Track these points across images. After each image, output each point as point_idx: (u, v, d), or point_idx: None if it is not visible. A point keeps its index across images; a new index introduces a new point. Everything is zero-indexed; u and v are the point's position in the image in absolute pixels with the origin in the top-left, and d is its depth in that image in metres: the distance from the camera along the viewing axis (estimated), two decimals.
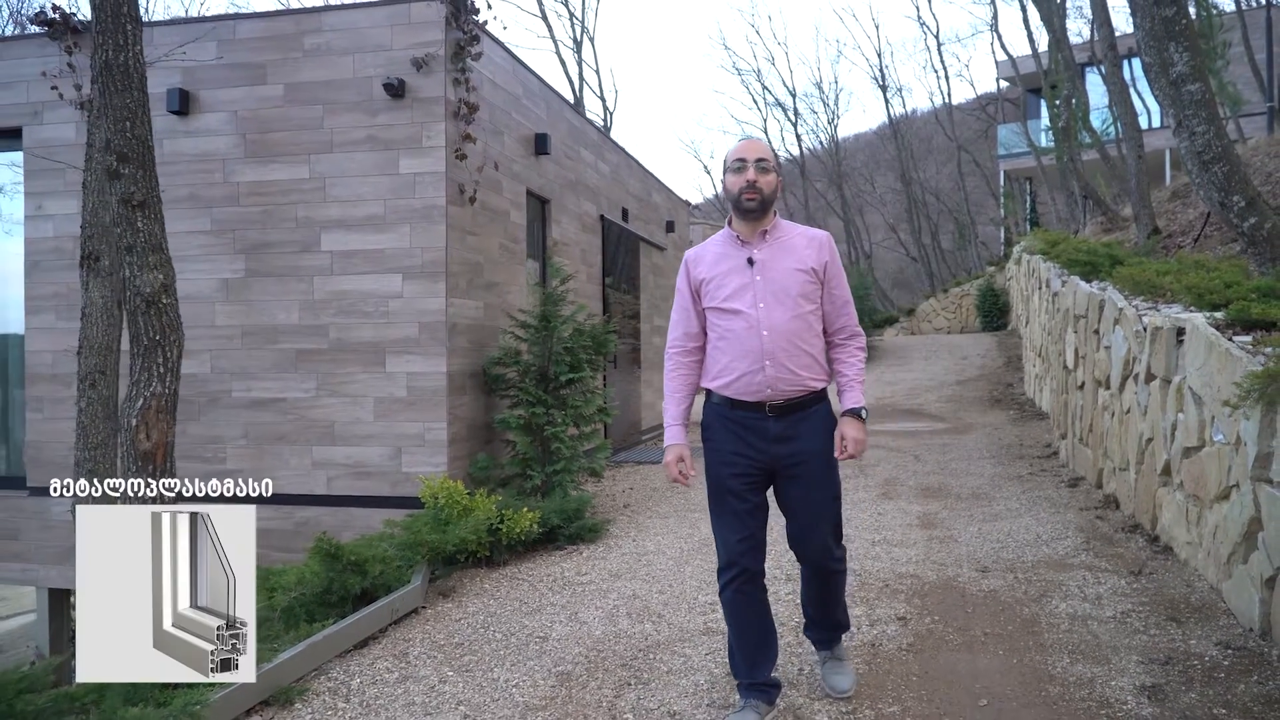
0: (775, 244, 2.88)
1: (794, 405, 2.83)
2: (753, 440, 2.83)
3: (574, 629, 4.02)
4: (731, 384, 2.83)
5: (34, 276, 6.77)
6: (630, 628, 3.98)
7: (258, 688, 3.29)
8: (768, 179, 2.84)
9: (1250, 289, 4.60)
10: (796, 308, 2.80)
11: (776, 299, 2.80)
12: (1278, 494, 3.24)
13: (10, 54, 6.84)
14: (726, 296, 2.84)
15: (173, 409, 3.35)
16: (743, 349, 2.80)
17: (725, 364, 2.85)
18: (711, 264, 2.91)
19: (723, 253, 2.91)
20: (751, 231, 2.88)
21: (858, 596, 4.18)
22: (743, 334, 2.80)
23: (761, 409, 2.82)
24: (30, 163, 6.75)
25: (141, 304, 3.26)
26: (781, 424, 2.82)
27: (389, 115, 6.04)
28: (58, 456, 6.70)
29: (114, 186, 3.29)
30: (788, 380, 2.80)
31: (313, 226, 6.17)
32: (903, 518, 5.77)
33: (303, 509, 6.15)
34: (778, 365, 2.78)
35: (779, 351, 2.78)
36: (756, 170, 2.82)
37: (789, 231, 2.94)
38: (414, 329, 6.01)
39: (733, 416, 2.85)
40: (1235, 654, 3.28)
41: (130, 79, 3.30)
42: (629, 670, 3.49)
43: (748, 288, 2.82)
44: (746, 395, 2.82)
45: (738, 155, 2.87)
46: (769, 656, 2.95)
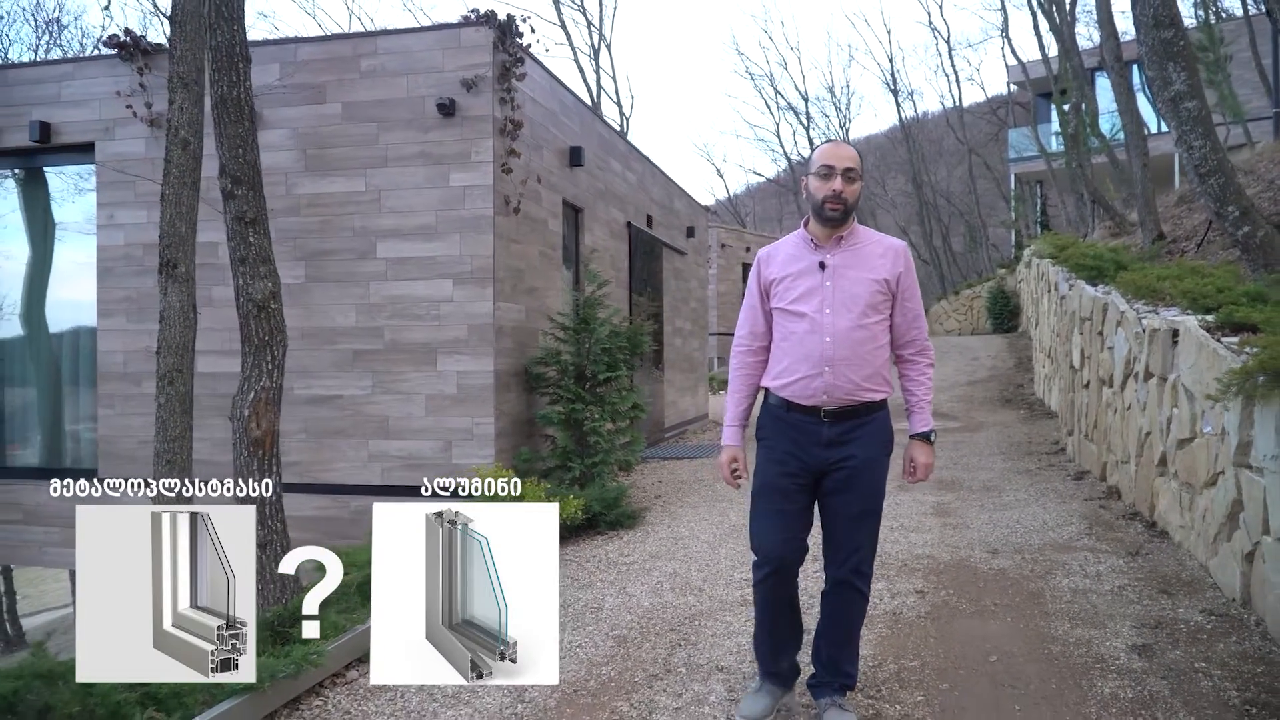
0: (850, 251, 2.83)
1: (849, 412, 2.80)
2: (805, 444, 2.81)
3: (624, 601, 4.47)
4: (789, 385, 2.81)
5: (106, 282, 7.26)
6: (675, 600, 4.43)
7: (354, 644, 3.74)
8: (853, 188, 2.78)
9: (1241, 293, 5.01)
10: (864, 317, 2.77)
11: (845, 306, 2.77)
12: (1256, 478, 3.66)
13: (83, 74, 7.34)
14: (795, 299, 2.81)
15: (278, 401, 3.81)
16: (804, 352, 2.78)
17: (786, 365, 2.83)
18: (783, 264, 2.88)
19: (795, 254, 2.88)
20: (828, 236, 2.84)
21: (878, 574, 4.60)
22: (805, 337, 2.77)
23: (817, 414, 2.79)
24: (102, 175, 7.25)
25: (253, 309, 3.72)
26: (835, 430, 2.79)
27: (440, 132, 6.51)
28: (127, 450, 7.21)
29: (228, 206, 3.76)
30: (846, 388, 2.76)
31: (369, 236, 6.64)
32: (918, 507, 6.19)
33: (359, 499, 6.62)
34: (838, 372, 2.75)
35: (840, 359, 2.75)
36: (844, 180, 2.76)
37: (865, 239, 2.88)
38: (463, 331, 6.47)
39: (788, 419, 2.84)
40: (1218, 619, 3.71)
41: (241, 111, 3.76)
42: (677, 634, 3.94)
43: (816, 291, 2.79)
44: (803, 399, 2.79)
45: (826, 161, 2.79)
46: (793, 643, 3.00)
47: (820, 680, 2.93)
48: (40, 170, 7.82)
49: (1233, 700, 2.99)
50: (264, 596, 3.83)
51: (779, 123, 58.38)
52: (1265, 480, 3.55)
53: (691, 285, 12.60)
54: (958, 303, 24.54)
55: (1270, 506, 3.50)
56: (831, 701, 2.87)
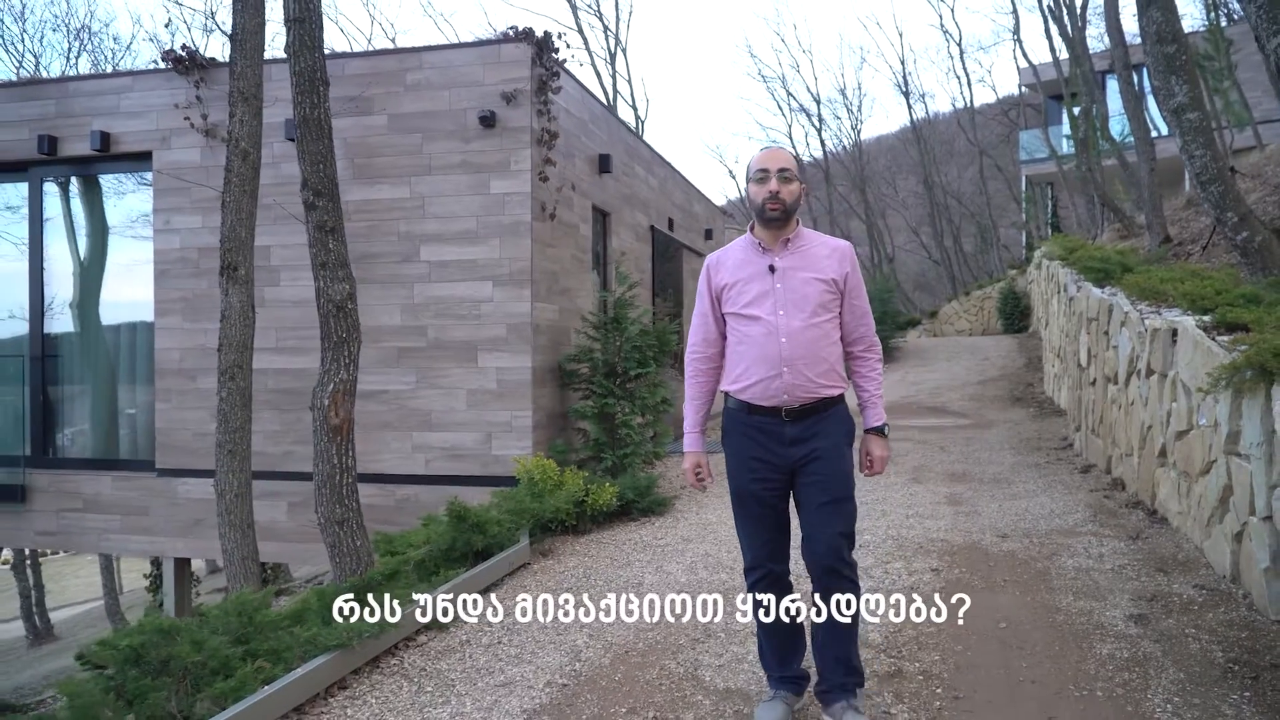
0: (797, 252, 2.88)
1: (809, 410, 2.84)
2: (770, 444, 2.85)
3: (662, 577, 4.85)
4: (749, 388, 2.85)
5: (162, 283, 7.69)
6: (708, 577, 4.81)
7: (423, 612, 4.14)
8: (790, 188, 2.85)
9: (1237, 295, 5.35)
10: (814, 316, 2.82)
11: (796, 306, 2.81)
12: (1244, 464, 4.01)
13: (141, 86, 7.76)
14: (747, 303, 2.85)
15: (354, 392, 4.21)
16: (761, 354, 2.81)
17: (744, 369, 2.86)
18: (733, 270, 2.91)
19: (744, 259, 2.92)
20: (774, 239, 2.88)
21: (896, 554, 4.99)
22: (761, 339, 2.81)
23: (778, 414, 2.83)
24: (159, 182, 7.67)
25: (332, 308, 4.12)
26: (797, 428, 2.83)
27: (481, 142, 6.91)
28: (183, 442, 7.63)
29: (310, 216, 4.15)
30: (804, 387, 2.80)
31: (413, 240, 7.04)
32: (932, 497, 6.55)
33: (403, 487, 7.03)
34: (795, 372, 2.79)
35: (797, 358, 2.78)
36: (779, 180, 2.83)
37: (811, 240, 2.93)
38: (503, 329, 6.87)
39: (750, 422, 2.87)
40: (1209, 593, 4.07)
41: (322, 130, 4.16)
42: (713, 606, 4.32)
43: (768, 295, 2.83)
44: (763, 400, 2.83)
45: (760, 165, 2.87)
46: (798, 650, 3.03)
47: (830, 685, 2.86)
48: (95, 177, 8.26)
49: (1218, 659, 3.35)
50: (340, 568, 4.22)
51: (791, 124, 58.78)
52: (1252, 466, 3.90)
53: None
54: (968, 303, 24.80)
55: (1256, 490, 3.85)
56: (847, 705, 2.81)
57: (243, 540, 5.94)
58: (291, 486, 7.28)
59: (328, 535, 4.20)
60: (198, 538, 7.57)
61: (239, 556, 5.93)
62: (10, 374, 8.35)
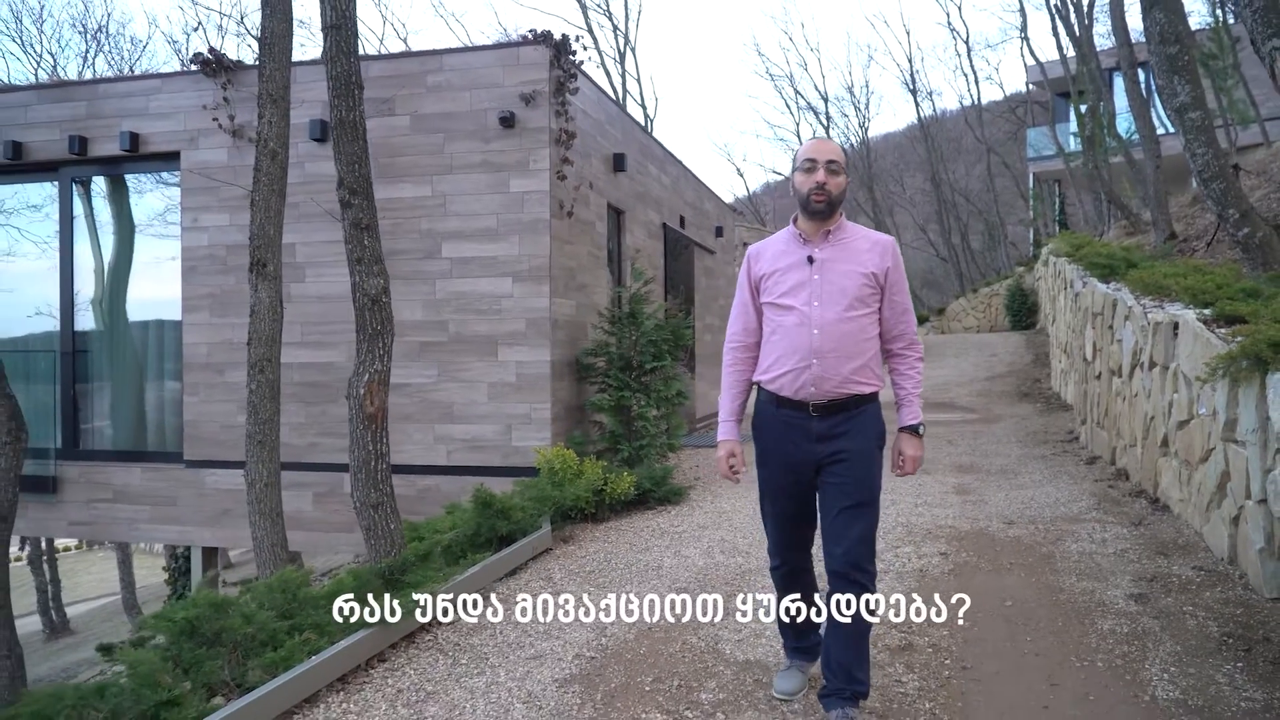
0: (838, 245, 2.86)
1: (838, 406, 2.80)
2: (797, 439, 2.83)
3: (680, 561, 5.05)
4: (778, 378, 2.83)
5: (190, 280, 7.90)
6: (725, 560, 5.01)
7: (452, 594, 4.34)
8: (837, 181, 2.82)
9: (1237, 289, 5.52)
10: (851, 309, 2.78)
11: (832, 299, 2.79)
12: (1240, 450, 4.19)
13: (170, 88, 7.98)
14: (783, 292, 2.84)
15: (388, 382, 4.41)
16: (792, 345, 2.79)
17: (776, 358, 2.85)
18: (772, 260, 2.91)
19: (784, 249, 2.91)
20: (815, 230, 2.87)
21: (905, 539, 5.17)
22: (793, 330, 2.79)
23: (805, 408, 2.81)
24: (187, 181, 7.89)
25: (368, 302, 4.32)
26: (825, 424, 2.80)
27: (501, 142, 7.10)
28: (210, 434, 7.85)
29: (346, 214, 4.35)
30: (834, 380, 2.77)
31: (435, 237, 7.25)
32: (940, 487, 6.72)
33: (425, 478, 7.23)
34: (825, 364, 2.76)
35: (829, 351, 2.76)
36: (826, 172, 2.80)
37: (853, 233, 2.90)
38: (522, 324, 7.07)
39: (778, 415, 2.87)
40: (1206, 574, 4.24)
41: (357, 131, 4.36)
42: (732, 585, 4.51)
43: (804, 285, 2.81)
44: (791, 392, 2.81)
45: (808, 155, 2.83)
46: (815, 628, 3.15)
47: (831, 690, 2.83)
48: (123, 176, 8.48)
49: (1213, 633, 3.53)
50: (375, 550, 4.42)
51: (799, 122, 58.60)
52: (1248, 452, 4.08)
53: (720, 283, 13.16)
54: (976, 300, 24.91)
55: (1251, 475, 4.02)
56: (844, 713, 2.79)
57: (272, 528, 6.13)
58: (316, 477, 7.50)
59: (363, 518, 4.40)
60: (225, 527, 7.79)
61: (268, 544, 6.12)
62: (42, 369, 8.58)
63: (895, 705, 3.07)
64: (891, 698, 3.13)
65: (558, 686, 3.40)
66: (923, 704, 3.08)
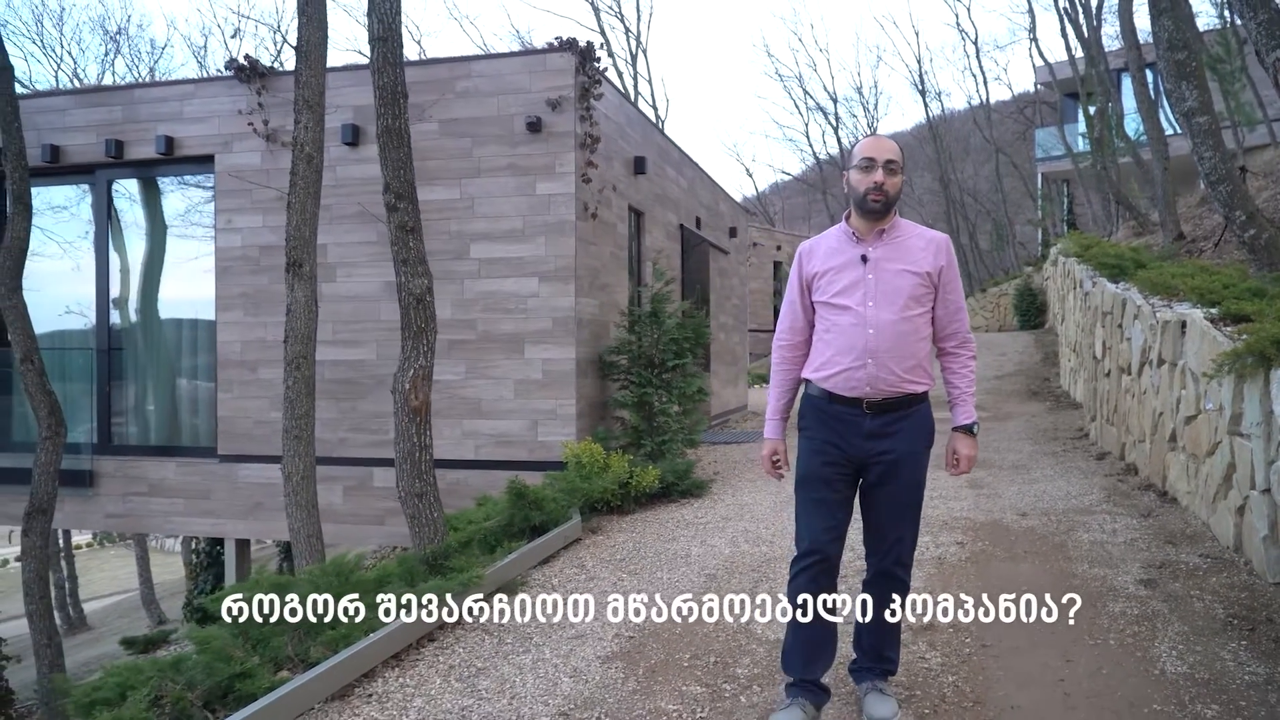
0: (892, 244, 2.83)
1: (891, 404, 2.80)
2: (847, 434, 2.82)
3: (707, 550, 5.26)
4: (831, 377, 2.82)
5: (224, 280, 8.15)
6: (750, 549, 5.22)
7: (492, 580, 4.56)
8: (894, 181, 2.79)
9: (1243, 289, 5.72)
10: (906, 309, 2.78)
11: (887, 298, 2.78)
12: (1245, 443, 4.39)
13: (204, 93, 8.23)
14: (837, 292, 2.82)
15: (431, 377, 4.63)
16: (847, 344, 2.78)
17: (829, 357, 2.83)
18: (825, 258, 2.88)
19: (837, 248, 2.88)
20: (869, 229, 2.84)
21: (923, 530, 5.36)
22: (849, 329, 2.78)
23: (859, 405, 2.80)
24: (222, 184, 8.14)
25: (413, 301, 4.55)
26: (877, 422, 2.80)
27: (528, 147, 7.33)
28: (244, 429, 8.10)
29: (392, 217, 4.57)
30: (888, 380, 2.77)
31: (463, 238, 7.48)
32: (954, 482, 6.92)
33: (454, 471, 7.46)
34: (880, 364, 2.76)
35: (883, 351, 2.75)
36: (885, 172, 2.77)
37: (907, 232, 2.88)
38: (548, 323, 7.29)
39: (830, 410, 2.84)
40: (1213, 562, 4.45)
41: (402, 139, 4.58)
42: (757, 573, 4.73)
43: (859, 284, 2.79)
44: (845, 390, 2.80)
45: (866, 154, 2.81)
46: (826, 654, 2.94)
47: (861, 665, 2.95)
48: (156, 179, 8.73)
49: (1218, 615, 3.74)
50: (419, 538, 4.65)
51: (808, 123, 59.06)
52: (1252, 444, 4.28)
53: (733, 283, 13.38)
54: (985, 300, 25.05)
55: (1256, 466, 4.22)
56: (873, 685, 2.87)
57: (308, 519, 6.36)
58: (347, 471, 7.74)
59: (408, 507, 4.62)
60: (258, 519, 8.03)
61: (305, 534, 6.35)
62: (78, 367, 8.84)
63: (920, 679, 3.28)
64: (916, 672, 3.34)
65: (601, 663, 3.63)
66: (946, 678, 3.29)
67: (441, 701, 3.38)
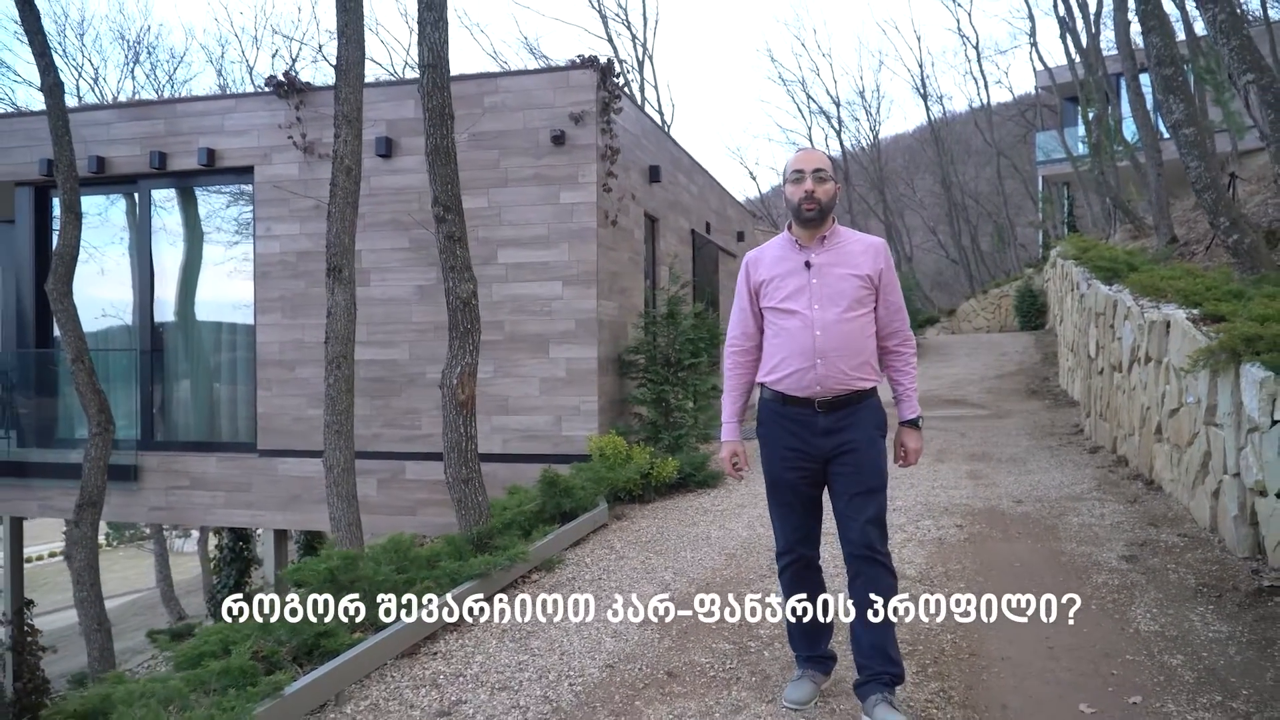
0: (833, 249, 2.98)
1: (841, 402, 2.93)
2: (804, 434, 2.95)
3: (725, 533, 5.70)
4: (783, 379, 2.95)
5: (263, 284, 8.60)
6: (765, 532, 5.66)
7: (533, 557, 5.01)
8: (825, 188, 2.94)
9: (1224, 291, 6.15)
10: (849, 310, 2.92)
11: (831, 301, 2.92)
12: (1219, 432, 4.82)
13: (244, 108, 8.69)
14: (784, 297, 2.96)
15: (476, 373, 5.07)
16: (797, 347, 2.92)
17: (780, 360, 2.96)
18: (770, 266, 3.02)
19: (781, 255, 3.02)
20: (810, 237, 2.99)
21: (925, 515, 5.81)
22: (797, 332, 2.92)
23: (811, 405, 2.93)
24: (261, 193, 8.59)
25: (459, 304, 4.99)
26: (830, 419, 2.93)
27: (552, 158, 7.78)
28: (283, 426, 8.55)
29: (440, 228, 5.02)
30: (837, 379, 2.90)
31: (491, 244, 7.93)
32: (954, 473, 7.36)
33: (484, 464, 7.77)
34: (829, 364, 2.89)
35: (830, 350, 2.89)
36: (814, 180, 2.93)
37: (846, 238, 3.03)
38: (571, 324, 7.74)
39: (784, 412, 2.98)
40: (1190, 540, 4.88)
41: (450, 156, 5.02)
42: (772, 552, 5.15)
43: (804, 290, 2.94)
44: (797, 391, 2.93)
45: (796, 166, 2.97)
46: (826, 633, 3.17)
47: (868, 676, 2.89)
48: (192, 189, 9.19)
49: (1190, 584, 4.17)
50: (465, 520, 5.09)
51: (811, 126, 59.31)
52: (1224, 433, 4.72)
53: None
54: (986, 301, 25.44)
55: (1228, 452, 4.66)
56: (881, 698, 2.83)
57: (348, 509, 6.80)
58: (381, 465, 8.18)
59: (455, 492, 5.07)
60: (295, 511, 8.48)
61: (345, 523, 6.80)
62: (123, 366, 9.30)
63: (922, 637, 3.72)
64: (919, 632, 3.78)
65: (638, 626, 4.07)
66: (945, 636, 3.73)
67: (499, 657, 3.82)
